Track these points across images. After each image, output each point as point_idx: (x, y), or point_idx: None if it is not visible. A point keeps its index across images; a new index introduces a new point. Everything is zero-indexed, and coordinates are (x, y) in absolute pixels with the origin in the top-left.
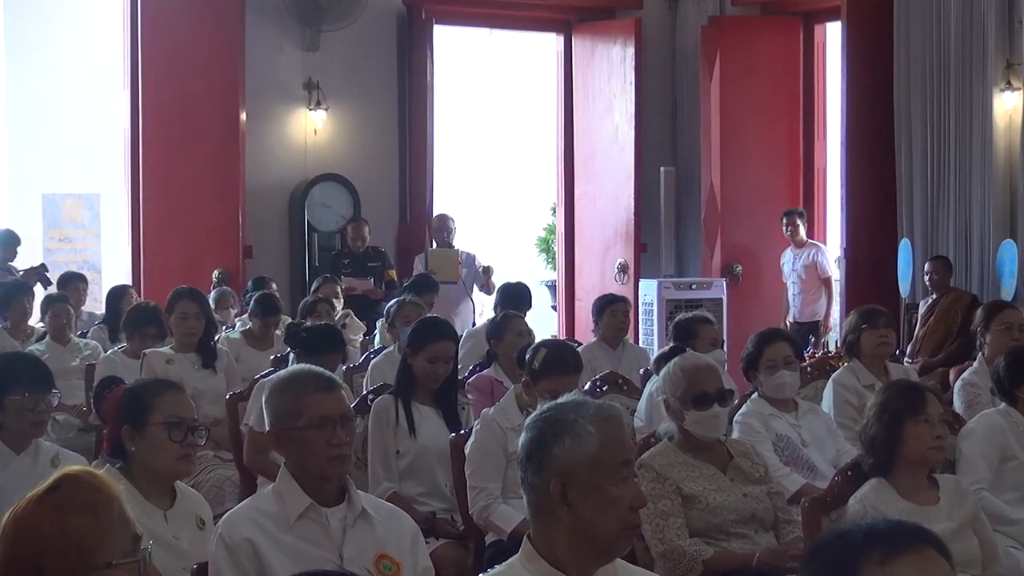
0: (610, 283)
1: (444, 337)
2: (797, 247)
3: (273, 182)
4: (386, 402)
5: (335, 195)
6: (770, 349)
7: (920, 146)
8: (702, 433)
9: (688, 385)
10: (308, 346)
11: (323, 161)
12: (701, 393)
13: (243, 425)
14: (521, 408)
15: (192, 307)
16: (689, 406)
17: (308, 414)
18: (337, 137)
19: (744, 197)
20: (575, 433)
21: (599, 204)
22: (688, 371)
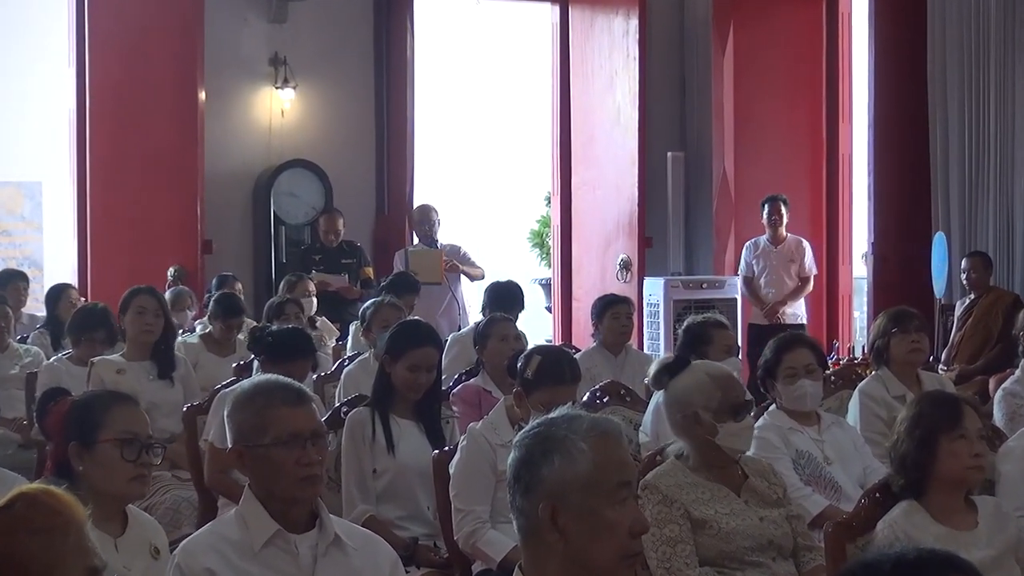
0: (611, 282)
1: (426, 342)
2: (776, 239)
3: (235, 169)
4: (361, 415)
5: (304, 183)
6: (790, 356)
7: (957, 129)
8: (736, 447)
9: (724, 395)
10: (274, 352)
11: (291, 145)
12: (736, 402)
13: (202, 441)
14: (512, 422)
15: (151, 302)
16: (726, 417)
17: (275, 430)
18: (307, 119)
19: (760, 186)
20: (566, 451)
21: (599, 194)
22: (720, 379)
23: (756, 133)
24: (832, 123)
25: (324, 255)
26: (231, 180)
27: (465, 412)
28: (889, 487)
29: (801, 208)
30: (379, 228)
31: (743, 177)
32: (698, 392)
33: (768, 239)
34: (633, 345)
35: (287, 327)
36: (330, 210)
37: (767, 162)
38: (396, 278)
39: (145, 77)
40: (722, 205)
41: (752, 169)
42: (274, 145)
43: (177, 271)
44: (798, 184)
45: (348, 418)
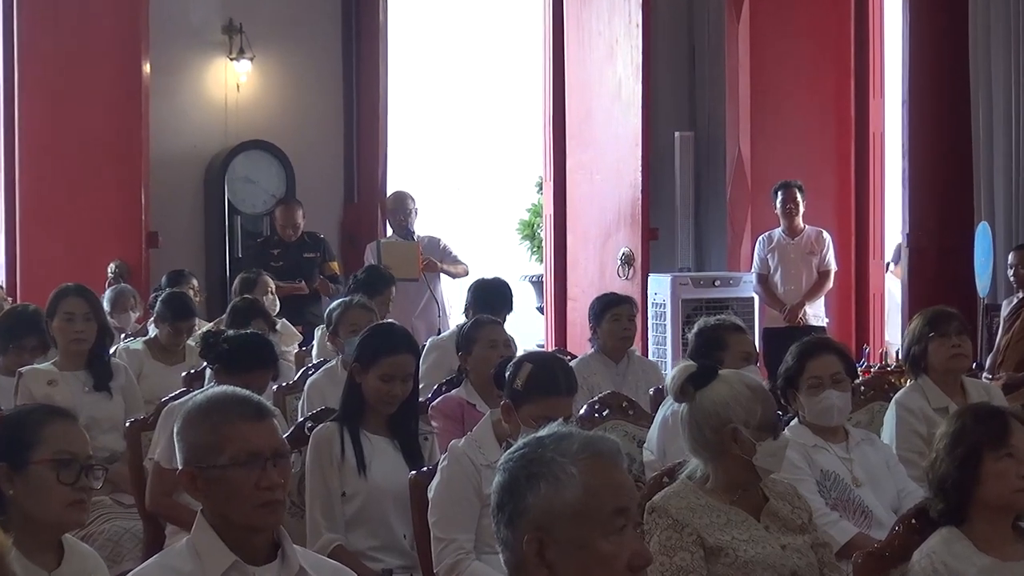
0: (612, 279)
1: (401, 349)
2: (793, 231)
3: (184, 152)
4: (328, 432)
5: (263, 168)
6: (814, 363)
7: (1003, 105)
8: (772, 468)
9: (764, 409)
10: (230, 361)
11: (248, 125)
12: (775, 418)
13: (147, 460)
14: (500, 440)
15: (81, 305)
16: (766, 435)
17: (232, 449)
18: (265, 94)
19: (780, 170)
20: (553, 476)
21: (597, 179)
22: (759, 392)
23: (775, 110)
24: (861, 99)
25: (284, 249)
26: (179, 164)
27: (446, 427)
28: (927, 512)
29: (826, 195)
30: (348, 218)
31: (760, 160)
32: (738, 406)
33: (783, 231)
34: (636, 351)
35: (245, 332)
36: (289, 199)
37: (788, 143)
38: (367, 273)
39: (82, 48)
40: (737, 192)
41: (771, 151)
42: (229, 124)
43: (118, 267)
44: (823, 168)
45: (313, 435)
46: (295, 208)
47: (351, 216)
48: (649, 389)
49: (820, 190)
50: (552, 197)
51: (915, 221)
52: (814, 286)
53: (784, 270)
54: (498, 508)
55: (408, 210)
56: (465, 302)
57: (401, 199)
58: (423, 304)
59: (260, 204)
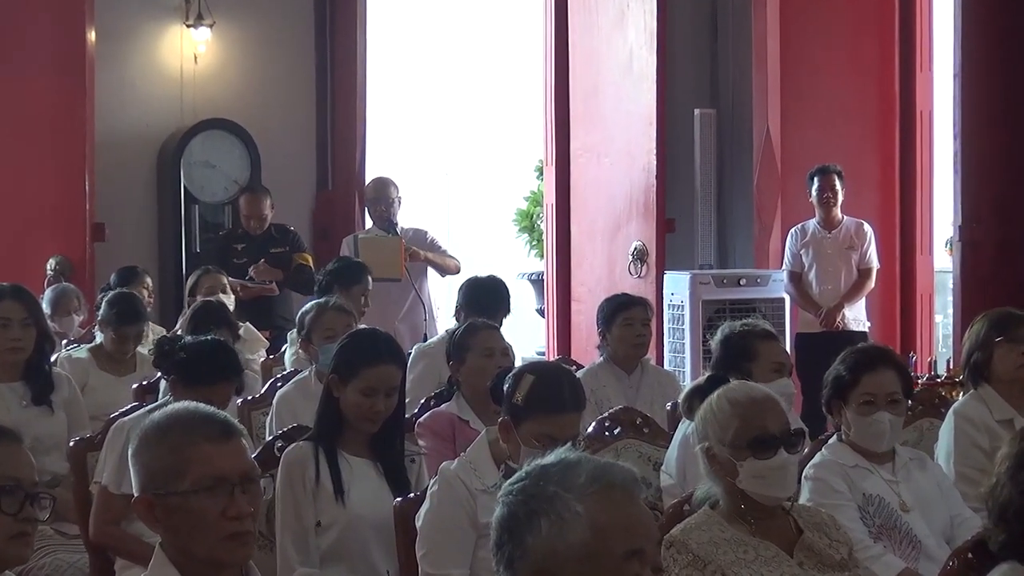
0: (623, 277)
1: (384, 358)
2: (830, 223)
3: (135, 131)
4: (301, 452)
5: (225, 151)
6: (871, 379)
7: None
8: (764, 493)
9: (742, 424)
10: (189, 373)
11: (207, 101)
12: (761, 434)
13: (93, 484)
14: (497, 461)
15: (17, 310)
16: (745, 453)
17: (195, 473)
18: (227, 67)
19: (814, 152)
20: (555, 514)
21: (606, 163)
22: (740, 404)
23: (809, 85)
24: (907, 72)
25: (248, 243)
26: (129, 146)
27: (435, 447)
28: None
29: (868, 181)
30: (321, 209)
31: (792, 141)
32: (713, 421)
33: (819, 222)
34: (651, 360)
35: (206, 339)
36: (253, 188)
37: (823, 122)
38: (339, 265)
39: (16, 13)
40: (765, 178)
41: (804, 131)
42: (185, 101)
43: (59, 263)
44: (863, 150)
45: (284, 456)
46: (261, 198)
47: (325, 206)
48: (666, 403)
49: (860, 176)
50: (554, 184)
51: (968, 211)
52: (854, 285)
53: (820, 267)
54: (497, 547)
55: (390, 199)
56: (456, 303)
57: (382, 187)
58: (407, 306)
59: (221, 192)
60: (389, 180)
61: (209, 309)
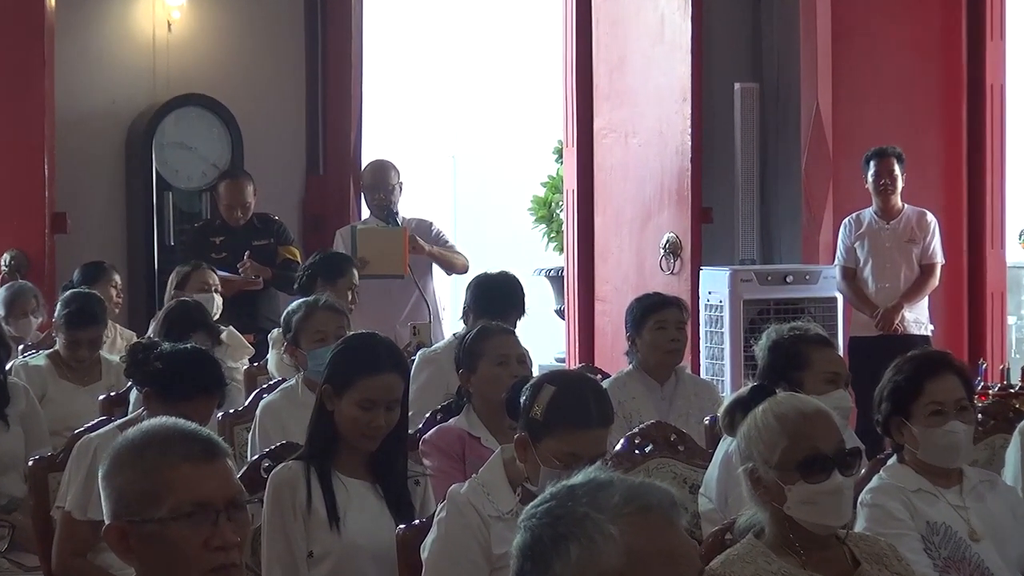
0: (653, 273)
1: (385, 367)
2: (888, 212)
3: (100, 109)
4: (290, 474)
5: (202, 130)
6: (936, 386)
7: None
8: (815, 521)
9: (791, 442)
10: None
11: (181, 75)
12: (812, 454)
13: (55, 509)
14: (513, 484)
15: None
16: (794, 476)
17: (174, 498)
18: (205, 36)
19: (870, 132)
20: (587, 537)
21: (634, 143)
22: (789, 420)
23: (864, 55)
24: (976, 42)
25: (228, 236)
26: (93, 125)
27: (442, 467)
28: None
29: (931, 165)
30: (311, 196)
31: (845, 120)
32: (757, 440)
33: (876, 212)
34: (686, 368)
35: (186, 347)
36: (234, 173)
37: (879, 98)
38: (321, 257)
39: None
40: (815, 161)
41: (858, 109)
42: (157, 74)
43: (15, 259)
44: (926, 130)
45: (272, 478)
46: (243, 182)
47: (315, 193)
48: (703, 417)
49: (923, 159)
50: (575, 168)
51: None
52: (915, 283)
53: (876, 263)
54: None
55: (390, 185)
56: (463, 304)
57: (381, 171)
58: (410, 307)
59: (198, 177)
60: (388, 164)
61: (186, 310)
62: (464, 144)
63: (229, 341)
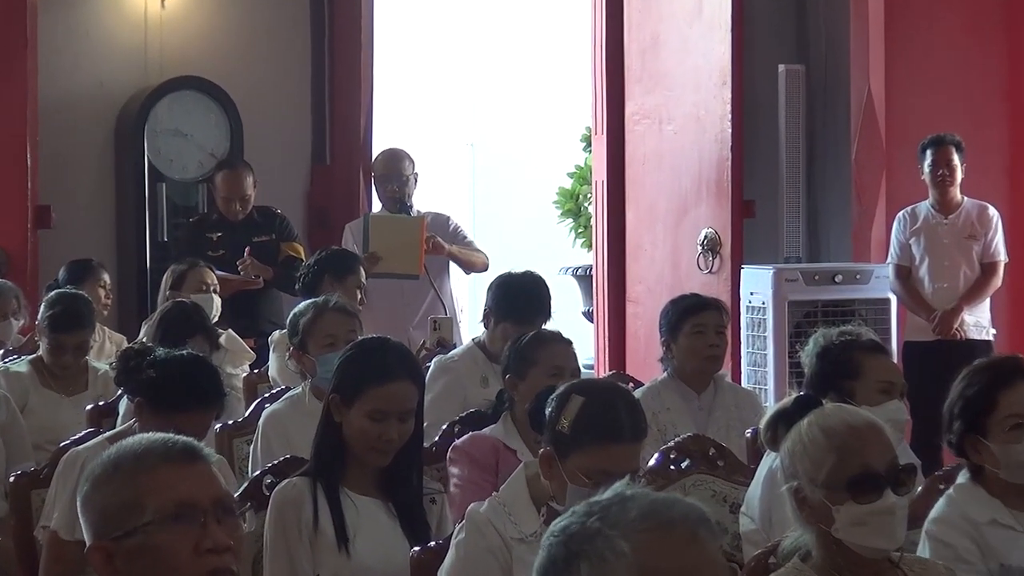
0: (690, 273)
1: (398, 374)
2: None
3: (88, 93)
4: (295, 491)
5: (198, 116)
6: (1011, 396)
7: None
8: (866, 544)
9: (839, 459)
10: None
11: (176, 56)
12: (863, 472)
13: (39, 529)
14: (537, 503)
15: None
16: (843, 495)
17: (156, 501)
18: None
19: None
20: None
21: (669, 130)
22: (837, 434)
23: (920, 36)
24: None
25: (226, 232)
26: (80, 111)
27: (472, 478)
28: None
29: (992, 155)
30: (316, 188)
31: (900, 105)
32: (803, 456)
33: (933, 205)
34: (727, 375)
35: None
36: (232, 163)
37: (937, 81)
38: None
39: None
40: (866, 150)
41: (914, 93)
42: (150, 55)
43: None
44: (987, 117)
45: (275, 495)
46: (242, 173)
47: (322, 185)
48: (745, 430)
49: (984, 147)
50: (605, 157)
51: None
52: (976, 284)
53: (933, 261)
54: None
55: (404, 176)
56: (484, 305)
57: (394, 160)
58: (424, 308)
59: (194, 167)
60: (402, 152)
61: (182, 312)
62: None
63: (228, 346)
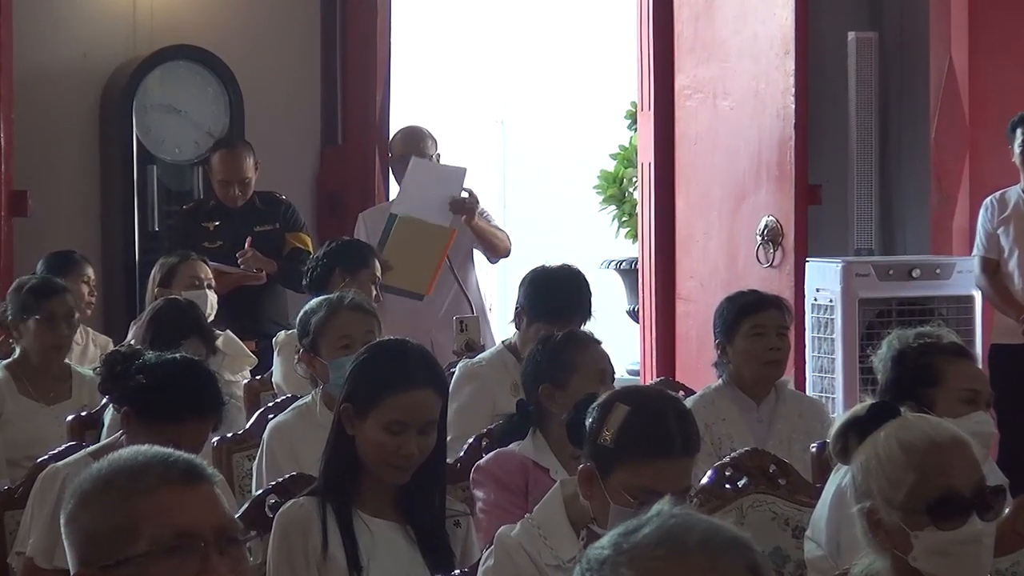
0: (748, 266)
1: (418, 381)
2: None
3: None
4: (302, 512)
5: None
6: None
7: None
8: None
9: (920, 478)
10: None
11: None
12: (946, 494)
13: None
14: (576, 526)
15: None
16: (922, 519)
17: (152, 529)
18: None
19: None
20: None
21: (724, 106)
22: (916, 450)
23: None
24: None
25: (224, 220)
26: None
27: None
28: None
29: None
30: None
31: (985, 79)
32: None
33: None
34: (789, 382)
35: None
36: (232, 143)
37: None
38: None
39: None
40: (947, 128)
41: (1000, 64)
42: (139, 21)
43: None
44: None
45: (280, 516)
46: (241, 153)
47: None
48: (810, 443)
49: None
50: (652, 136)
51: None
52: None
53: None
54: None
55: (427, 157)
56: (516, 303)
57: (414, 139)
58: (447, 306)
59: (189, 147)
60: (423, 131)
61: (176, 311)
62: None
63: (226, 349)
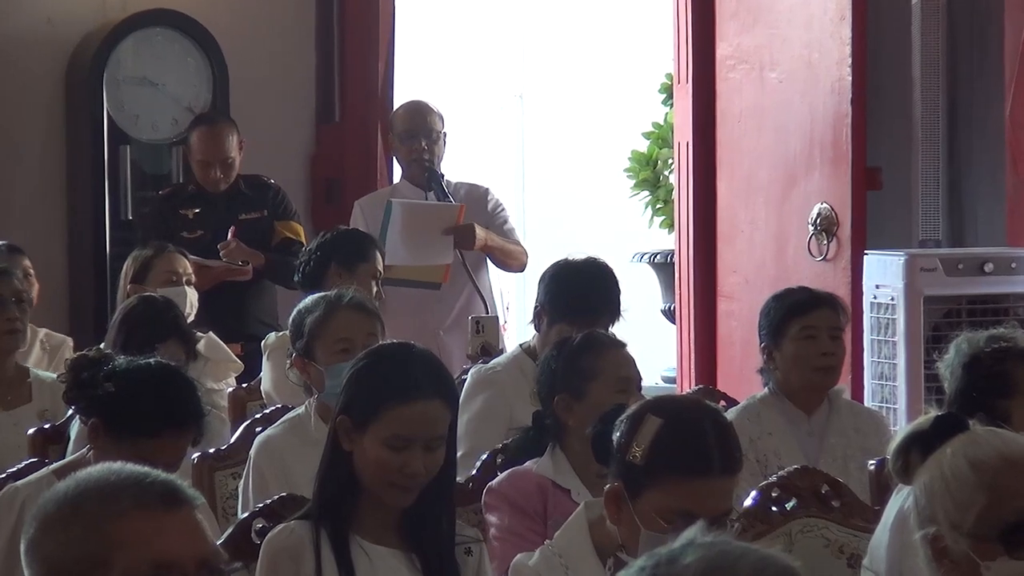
0: (798, 259)
1: (423, 390)
2: None
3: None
4: (294, 537)
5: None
6: None
7: None
8: None
9: (991, 500)
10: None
11: None
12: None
13: None
14: (602, 553)
15: None
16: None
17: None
18: None
19: None
20: None
21: (772, 79)
22: (988, 469)
23: None
24: None
25: (205, 207)
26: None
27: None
28: None
29: None
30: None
31: None
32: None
33: None
34: (845, 391)
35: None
36: (214, 120)
37: None
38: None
39: None
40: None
41: None
42: None
43: None
44: None
45: (268, 543)
46: (223, 130)
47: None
48: (868, 460)
49: None
50: (691, 113)
51: None
52: None
53: None
54: None
55: (432, 133)
56: (535, 302)
57: (419, 114)
58: (460, 305)
59: (166, 125)
60: (428, 106)
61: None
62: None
63: (208, 353)
